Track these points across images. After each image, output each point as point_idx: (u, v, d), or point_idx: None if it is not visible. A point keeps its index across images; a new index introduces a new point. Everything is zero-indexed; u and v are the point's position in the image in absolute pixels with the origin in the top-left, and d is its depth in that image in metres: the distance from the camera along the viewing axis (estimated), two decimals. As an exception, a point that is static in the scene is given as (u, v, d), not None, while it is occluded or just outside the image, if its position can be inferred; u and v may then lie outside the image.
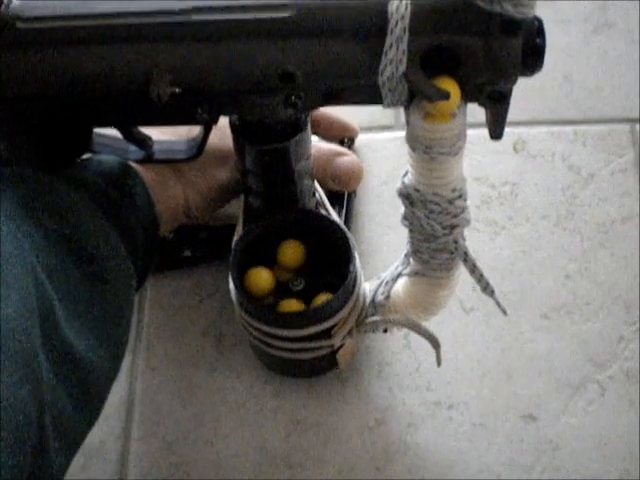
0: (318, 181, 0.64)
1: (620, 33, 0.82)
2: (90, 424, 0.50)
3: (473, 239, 0.54)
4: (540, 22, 0.46)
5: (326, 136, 0.70)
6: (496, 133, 0.50)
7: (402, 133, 0.68)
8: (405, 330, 0.63)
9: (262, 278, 0.61)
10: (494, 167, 0.74)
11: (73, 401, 0.47)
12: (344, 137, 0.72)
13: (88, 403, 0.49)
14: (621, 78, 0.79)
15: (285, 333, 0.59)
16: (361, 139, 0.75)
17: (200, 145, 0.55)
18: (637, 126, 0.76)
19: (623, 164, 0.75)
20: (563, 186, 0.74)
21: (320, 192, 0.64)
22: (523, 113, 0.62)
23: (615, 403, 0.65)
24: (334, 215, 0.63)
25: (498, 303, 0.57)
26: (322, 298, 0.60)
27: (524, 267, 0.71)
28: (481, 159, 0.74)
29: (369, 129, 0.76)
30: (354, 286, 0.60)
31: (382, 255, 0.71)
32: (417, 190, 0.51)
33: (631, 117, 0.77)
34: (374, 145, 0.76)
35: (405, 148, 0.50)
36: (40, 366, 0.43)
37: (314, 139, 0.66)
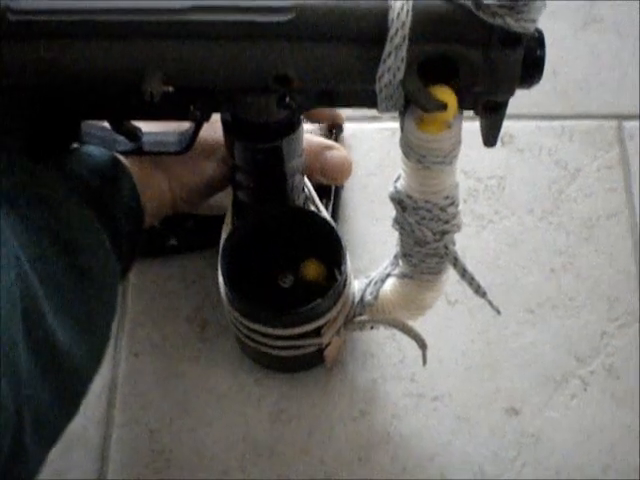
0: (306, 174, 0.63)
1: (608, 28, 0.82)
2: (69, 419, 0.50)
3: (459, 233, 0.54)
4: (541, 34, 0.45)
5: (311, 119, 0.69)
6: (490, 141, 0.49)
7: (390, 124, 0.67)
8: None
9: None
10: (481, 161, 0.75)
11: (53, 395, 0.46)
12: (332, 124, 0.71)
13: (68, 398, 0.49)
14: (609, 74, 0.79)
15: (274, 331, 0.59)
16: (348, 130, 0.74)
17: (190, 139, 0.54)
18: (624, 122, 0.77)
19: (609, 160, 0.75)
20: (549, 181, 0.74)
21: (309, 187, 0.63)
22: (511, 107, 0.61)
23: (597, 398, 0.66)
24: (323, 211, 0.63)
25: (491, 303, 0.57)
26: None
27: (510, 261, 0.71)
28: (468, 152, 0.73)
29: (357, 120, 0.76)
30: (344, 287, 0.60)
31: (368, 246, 0.71)
32: (409, 196, 0.51)
33: (618, 113, 0.77)
34: (361, 136, 0.76)
35: (393, 139, 0.49)
36: (20, 359, 0.43)
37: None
